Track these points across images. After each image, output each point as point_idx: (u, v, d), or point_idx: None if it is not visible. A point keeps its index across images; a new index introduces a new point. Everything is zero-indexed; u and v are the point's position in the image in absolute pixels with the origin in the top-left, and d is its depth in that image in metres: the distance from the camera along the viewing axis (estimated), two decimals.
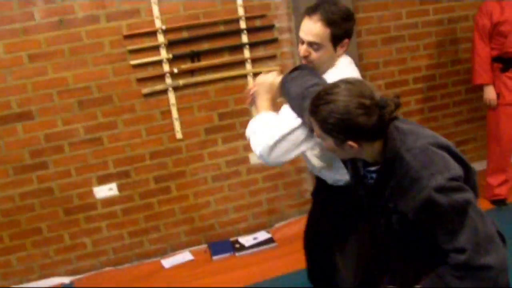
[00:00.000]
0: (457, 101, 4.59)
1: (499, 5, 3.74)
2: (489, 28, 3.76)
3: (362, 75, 4.11)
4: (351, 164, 1.84)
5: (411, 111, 4.43)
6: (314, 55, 2.11)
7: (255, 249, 3.83)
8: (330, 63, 2.16)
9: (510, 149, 4.02)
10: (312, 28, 2.05)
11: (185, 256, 3.83)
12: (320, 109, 1.57)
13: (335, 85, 1.59)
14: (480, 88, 4.01)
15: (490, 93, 3.88)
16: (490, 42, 3.81)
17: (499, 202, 4.07)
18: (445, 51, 4.44)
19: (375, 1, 4.09)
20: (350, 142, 1.58)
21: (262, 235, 3.98)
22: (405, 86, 4.36)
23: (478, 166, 4.73)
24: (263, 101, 2.21)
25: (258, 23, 3.80)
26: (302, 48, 2.12)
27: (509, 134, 3.93)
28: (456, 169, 1.57)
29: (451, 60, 4.48)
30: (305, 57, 2.13)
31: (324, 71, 2.16)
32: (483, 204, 4.06)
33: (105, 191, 3.70)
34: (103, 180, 3.68)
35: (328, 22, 2.05)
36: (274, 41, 3.86)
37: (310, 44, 2.09)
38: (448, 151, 1.61)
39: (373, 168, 1.71)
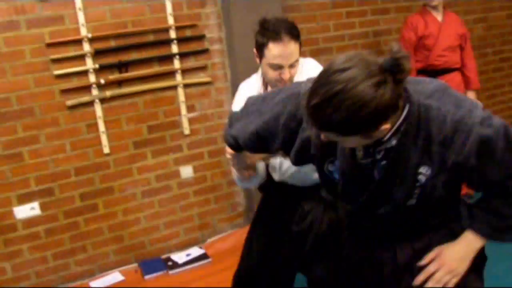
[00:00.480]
0: None
1: (423, 20, 3.90)
2: (414, 42, 3.92)
3: None
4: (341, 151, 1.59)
5: None
6: (293, 72, 2.15)
7: (189, 266, 3.71)
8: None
9: None
10: (288, 50, 2.09)
11: (115, 277, 3.64)
12: (334, 116, 1.27)
13: (332, 81, 1.27)
14: None
15: None
16: (415, 55, 3.96)
17: None
18: None
19: (304, 14, 4.14)
20: (383, 126, 1.33)
21: (195, 251, 3.86)
22: None
23: None
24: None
25: (188, 33, 3.72)
26: (286, 72, 2.12)
27: None
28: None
29: None
30: (287, 80, 2.14)
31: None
32: None
33: (27, 210, 3.44)
34: (24, 199, 3.42)
35: (296, 37, 2.13)
36: (204, 51, 3.79)
37: (291, 65, 2.12)
38: None
39: (389, 135, 1.44)
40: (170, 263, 3.74)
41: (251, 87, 2.38)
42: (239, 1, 3.69)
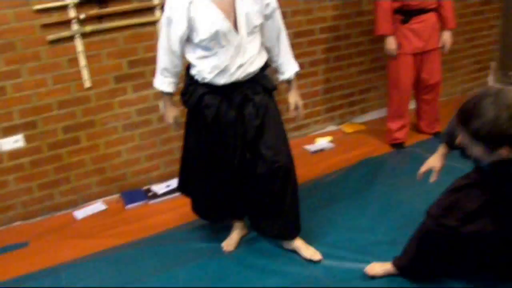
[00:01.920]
0: (360, 51, 4.91)
1: None
2: None
3: None
4: None
5: (317, 60, 4.68)
6: None
7: (168, 196, 3.96)
8: None
9: (409, 96, 4.39)
10: None
11: (97, 206, 3.88)
12: (471, 122, 1.80)
13: (481, 97, 1.79)
14: (381, 39, 4.31)
15: (390, 43, 4.19)
16: None
17: (398, 146, 4.47)
18: (349, 3, 4.70)
19: None
20: (502, 150, 1.81)
21: (175, 183, 4.07)
22: (311, 36, 4.59)
23: (380, 113, 5.12)
24: None
25: None
26: None
27: (408, 81, 4.29)
28: None
29: (355, 12, 4.75)
30: None
31: None
32: (384, 148, 4.44)
33: (11, 143, 3.63)
34: (8, 131, 3.60)
35: None
36: None
37: None
38: None
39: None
40: (150, 193, 3.99)
41: None
42: None
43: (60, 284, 2.97)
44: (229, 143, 2.86)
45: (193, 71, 2.81)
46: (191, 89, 2.87)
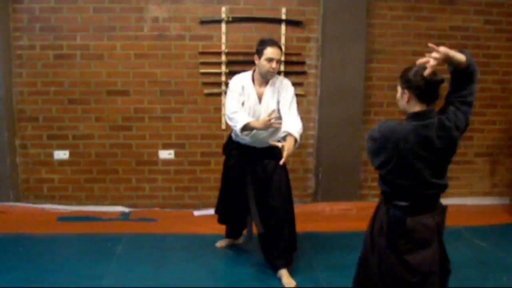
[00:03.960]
0: None
1: None
2: None
3: (367, 111, 5.80)
4: None
5: None
6: (277, 66, 4.02)
7: None
8: None
9: None
10: (277, 51, 3.98)
11: (210, 211, 5.64)
12: (402, 73, 2.70)
13: (414, 66, 2.66)
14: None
15: None
16: None
17: None
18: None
19: (387, 56, 5.82)
20: (406, 91, 2.66)
21: None
22: None
23: (458, 201, 6.22)
24: None
25: (294, 58, 5.68)
26: (275, 63, 3.97)
27: None
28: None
29: None
30: (275, 69, 4.00)
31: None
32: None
33: (166, 154, 5.72)
34: (166, 146, 5.71)
35: (280, 47, 4.05)
36: (303, 73, 5.73)
37: (278, 61, 4.01)
38: None
39: None
40: None
41: (241, 78, 4.18)
42: (334, 42, 5.56)
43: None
44: (243, 184, 4.21)
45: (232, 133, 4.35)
46: (227, 143, 4.44)
